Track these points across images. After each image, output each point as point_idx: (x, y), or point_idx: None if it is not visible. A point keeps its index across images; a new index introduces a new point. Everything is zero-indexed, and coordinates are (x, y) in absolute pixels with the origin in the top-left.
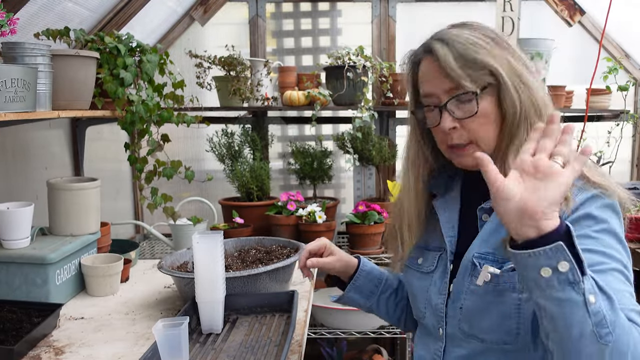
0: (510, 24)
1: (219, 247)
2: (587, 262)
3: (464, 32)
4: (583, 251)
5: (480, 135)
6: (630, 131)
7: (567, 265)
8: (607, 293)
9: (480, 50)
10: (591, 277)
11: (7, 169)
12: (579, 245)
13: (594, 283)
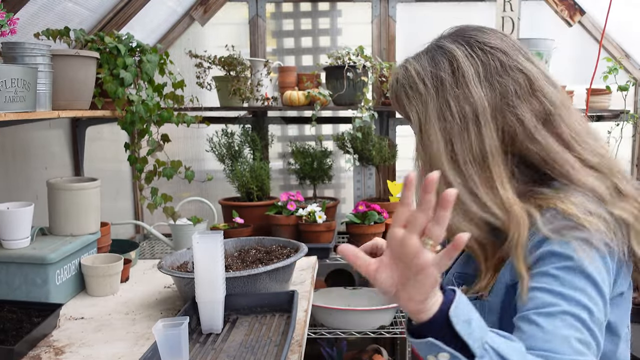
0: (510, 24)
1: (219, 247)
2: (538, 302)
3: (416, 63)
4: (538, 290)
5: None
6: (630, 131)
7: (447, 356)
8: None
9: (410, 94)
10: (491, 348)
11: (7, 169)
12: (537, 283)
13: (494, 357)
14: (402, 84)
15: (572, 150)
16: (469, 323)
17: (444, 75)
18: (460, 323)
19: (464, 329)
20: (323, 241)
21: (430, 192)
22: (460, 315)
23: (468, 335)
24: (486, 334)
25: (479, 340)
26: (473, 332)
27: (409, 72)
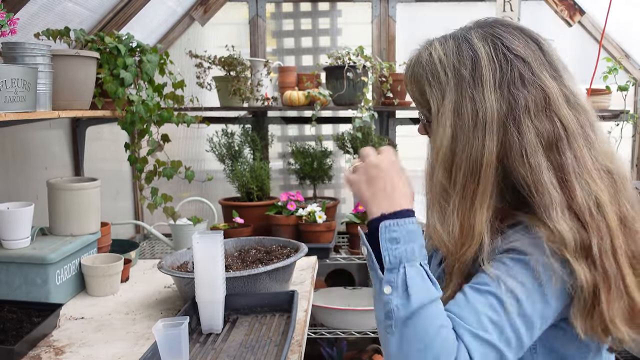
0: None
1: (219, 247)
2: (478, 279)
3: (441, 50)
4: (485, 271)
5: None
6: (630, 131)
7: (365, 249)
8: (409, 292)
9: (432, 81)
10: (403, 273)
11: (7, 169)
12: (489, 267)
13: (402, 280)
14: (424, 69)
15: (566, 187)
16: (395, 242)
17: (464, 73)
18: (385, 237)
19: (386, 243)
20: (323, 241)
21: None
22: (392, 233)
23: (386, 249)
24: (411, 262)
25: (397, 258)
26: (394, 250)
27: (433, 59)
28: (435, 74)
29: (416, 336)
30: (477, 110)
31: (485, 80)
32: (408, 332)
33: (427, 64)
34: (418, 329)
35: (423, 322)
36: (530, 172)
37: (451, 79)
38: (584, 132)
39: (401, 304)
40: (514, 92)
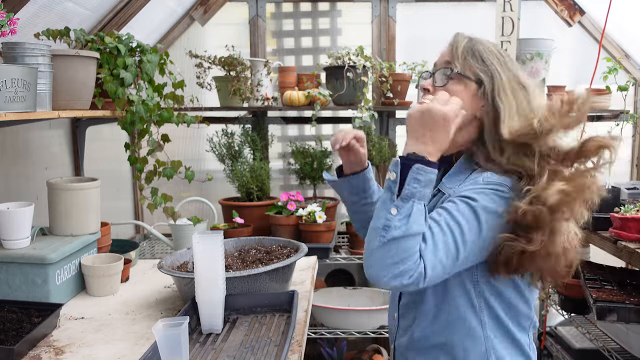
0: (510, 24)
1: (219, 247)
2: (431, 211)
3: (489, 43)
4: (438, 207)
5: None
6: (630, 131)
7: (394, 175)
8: (410, 224)
9: (492, 58)
10: (412, 207)
11: (7, 169)
12: (444, 205)
13: (408, 209)
14: (485, 46)
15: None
16: (417, 182)
17: (506, 60)
18: (412, 176)
19: (411, 180)
20: (323, 241)
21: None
22: (418, 175)
23: (408, 183)
24: (420, 201)
25: (412, 194)
26: (413, 188)
27: (488, 44)
28: (502, 58)
29: (397, 252)
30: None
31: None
32: (393, 246)
33: (491, 47)
34: (400, 247)
35: (405, 245)
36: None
37: (506, 66)
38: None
39: (399, 225)
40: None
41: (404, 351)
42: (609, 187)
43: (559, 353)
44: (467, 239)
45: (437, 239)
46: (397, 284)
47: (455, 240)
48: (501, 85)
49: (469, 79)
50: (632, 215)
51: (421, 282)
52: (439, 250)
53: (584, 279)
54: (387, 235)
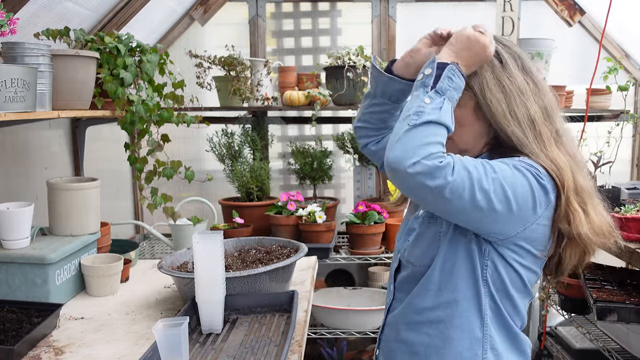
0: (510, 24)
1: (219, 247)
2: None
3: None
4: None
5: (456, 134)
6: (630, 131)
7: (429, 70)
8: (440, 110)
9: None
10: (441, 103)
11: (7, 169)
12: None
13: (440, 102)
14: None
15: (558, 144)
16: (451, 81)
17: (494, 61)
18: (448, 73)
19: (446, 77)
20: (323, 241)
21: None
22: (453, 76)
23: (444, 78)
24: (449, 100)
25: (445, 91)
26: (447, 85)
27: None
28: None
29: (428, 134)
30: (514, 83)
31: (511, 65)
32: (424, 128)
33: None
34: (431, 131)
35: (434, 130)
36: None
37: (487, 67)
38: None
39: (432, 112)
40: (525, 77)
41: (395, 323)
42: (609, 187)
43: (559, 353)
44: (497, 173)
45: (465, 159)
46: (428, 165)
47: (485, 166)
48: (483, 93)
49: (464, 96)
50: (632, 215)
51: (449, 173)
52: (466, 161)
53: (584, 279)
54: (420, 119)
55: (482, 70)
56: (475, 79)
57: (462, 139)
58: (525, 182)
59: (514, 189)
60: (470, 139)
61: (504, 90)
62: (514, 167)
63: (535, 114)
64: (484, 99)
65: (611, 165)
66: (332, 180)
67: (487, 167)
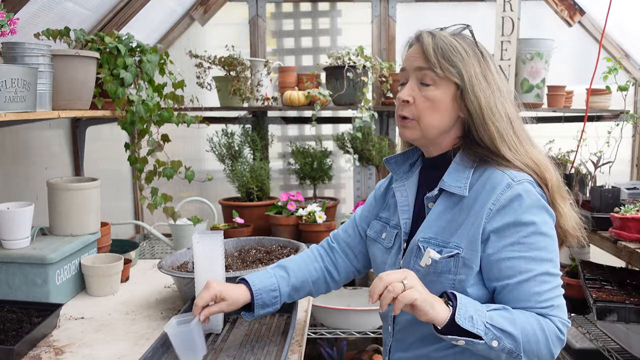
0: (510, 24)
1: (219, 247)
2: (514, 269)
3: (452, 38)
4: (513, 259)
5: (424, 117)
6: (630, 131)
7: (463, 341)
8: (507, 331)
9: (456, 54)
10: (492, 326)
11: (7, 169)
12: (511, 252)
13: (497, 331)
14: (449, 43)
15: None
16: (472, 319)
17: (477, 53)
18: (466, 323)
19: (469, 325)
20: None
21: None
22: (463, 317)
23: (472, 327)
24: (485, 315)
25: (481, 325)
26: (476, 323)
27: (450, 39)
28: (466, 51)
29: (532, 346)
30: (495, 80)
31: (490, 62)
32: (528, 348)
33: (454, 42)
34: (531, 342)
35: (526, 336)
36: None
37: (473, 57)
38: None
39: (511, 342)
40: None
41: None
42: (609, 187)
43: (559, 353)
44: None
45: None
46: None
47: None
48: (472, 83)
49: (447, 82)
50: (632, 215)
51: (565, 334)
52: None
53: (584, 279)
54: (517, 353)
55: (470, 60)
56: (464, 67)
57: (428, 124)
58: (550, 227)
59: (555, 244)
60: (435, 127)
61: (489, 84)
62: (543, 226)
63: (512, 113)
64: (472, 88)
65: (611, 165)
66: (332, 180)
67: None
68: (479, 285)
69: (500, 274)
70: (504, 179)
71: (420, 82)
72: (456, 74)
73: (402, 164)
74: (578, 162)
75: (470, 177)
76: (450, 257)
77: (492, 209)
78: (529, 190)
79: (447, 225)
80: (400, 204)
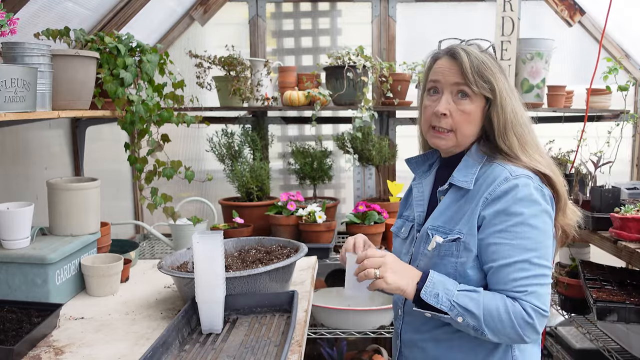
0: (510, 24)
1: (219, 247)
2: (498, 254)
3: (482, 55)
4: (498, 244)
5: (461, 128)
6: (630, 131)
7: (429, 314)
8: (470, 311)
9: (488, 70)
10: (457, 304)
11: (7, 169)
12: (497, 238)
13: (461, 309)
14: (481, 60)
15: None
16: (437, 295)
17: (501, 69)
18: (430, 299)
19: (434, 301)
20: (323, 241)
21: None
22: (429, 294)
23: (437, 304)
24: (453, 295)
25: (447, 302)
26: (440, 300)
27: (481, 55)
28: (494, 65)
29: (497, 325)
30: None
31: (509, 81)
32: (492, 327)
33: (483, 58)
34: (495, 321)
35: (490, 316)
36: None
37: (501, 75)
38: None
39: (473, 320)
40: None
41: (412, 340)
42: (609, 187)
43: (559, 353)
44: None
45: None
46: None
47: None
48: (502, 97)
49: (480, 96)
50: (632, 215)
51: (540, 321)
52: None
53: (584, 279)
54: (481, 330)
55: (498, 75)
56: (495, 80)
57: (465, 134)
58: (540, 221)
59: (545, 237)
60: (470, 136)
61: (513, 94)
62: (531, 218)
63: (526, 117)
64: (502, 101)
65: (611, 165)
66: (332, 180)
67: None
68: (477, 268)
69: (488, 257)
70: (503, 173)
71: (455, 96)
72: (489, 89)
73: (422, 164)
74: (578, 162)
75: (477, 173)
76: (453, 242)
77: (488, 198)
78: (525, 184)
79: (453, 215)
80: (416, 198)
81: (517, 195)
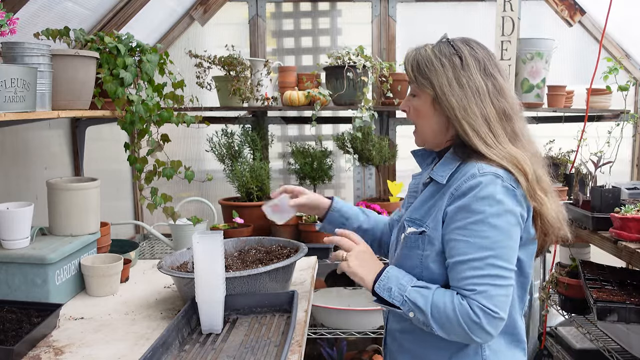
0: (510, 24)
1: (219, 247)
2: (455, 251)
3: (431, 51)
4: (456, 241)
5: (417, 125)
6: (631, 131)
7: (384, 308)
8: (420, 308)
9: (430, 67)
10: (408, 299)
11: (7, 169)
12: (456, 235)
13: (412, 305)
14: (425, 58)
15: (515, 143)
16: (390, 290)
17: (455, 61)
18: (384, 293)
19: (387, 295)
20: (323, 241)
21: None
22: (382, 288)
23: (389, 298)
24: (405, 290)
25: (399, 297)
26: (393, 294)
27: (428, 55)
28: (442, 63)
29: (444, 322)
30: (471, 84)
31: (471, 66)
32: (440, 323)
33: (430, 56)
34: (442, 318)
35: (438, 312)
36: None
37: (447, 65)
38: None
39: (421, 315)
40: (485, 78)
41: (396, 334)
42: (609, 187)
43: (559, 353)
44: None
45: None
46: (478, 341)
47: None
48: (442, 91)
49: (424, 92)
50: (632, 215)
51: (489, 322)
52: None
53: (584, 279)
54: (429, 325)
55: (444, 69)
56: (435, 75)
57: (422, 130)
58: (503, 221)
59: (505, 237)
60: (429, 132)
61: (462, 87)
62: (492, 217)
63: (489, 113)
64: (442, 93)
65: (611, 165)
66: (332, 180)
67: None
68: (439, 263)
69: (447, 253)
70: (471, 170)
71: (410, 94)
72: (428, 84)
73: (427, 157)
74: (578, 162)
75: (454, 169)
76: (419, 235)
77: (453, 194)
78: (491, 182)
79: (428, 209)
80: (410, 189)
81: (479, 193)
